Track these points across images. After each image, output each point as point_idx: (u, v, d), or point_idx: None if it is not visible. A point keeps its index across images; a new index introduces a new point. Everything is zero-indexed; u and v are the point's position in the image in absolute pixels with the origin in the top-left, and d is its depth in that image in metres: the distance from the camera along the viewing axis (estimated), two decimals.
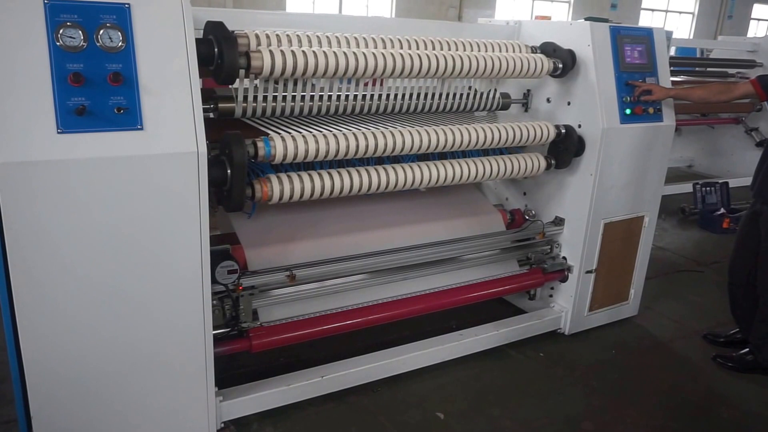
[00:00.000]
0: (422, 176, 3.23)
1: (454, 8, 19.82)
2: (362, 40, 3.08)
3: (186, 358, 2.73)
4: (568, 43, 3.63)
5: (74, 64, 2.28)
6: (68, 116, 2.26)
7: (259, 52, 2.72)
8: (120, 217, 2.40)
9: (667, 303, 4.66)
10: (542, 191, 4.09)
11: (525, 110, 4.03)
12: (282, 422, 3.09)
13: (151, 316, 2.59)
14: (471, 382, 3.53)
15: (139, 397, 2.68)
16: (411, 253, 3.52)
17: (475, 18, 15.80)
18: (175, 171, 2.45)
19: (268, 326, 3.12)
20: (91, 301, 2.45)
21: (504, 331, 3.83)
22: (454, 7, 19.86)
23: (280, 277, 3.10)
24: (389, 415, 3.21)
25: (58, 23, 2.26)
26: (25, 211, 2.24)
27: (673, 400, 3.51)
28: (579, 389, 3.55)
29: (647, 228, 4.12)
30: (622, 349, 4.00)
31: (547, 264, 3.98)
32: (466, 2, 20.16)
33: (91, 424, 2.61)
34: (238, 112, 2.95)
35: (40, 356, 2.42)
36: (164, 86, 2.43)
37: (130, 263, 2.48)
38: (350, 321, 3.34)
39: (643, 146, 3.84)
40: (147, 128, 2.38)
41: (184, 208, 2.51)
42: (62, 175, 2.26)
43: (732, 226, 6.39)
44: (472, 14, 19.44)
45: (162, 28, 2.44)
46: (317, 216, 3.50)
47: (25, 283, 2.31)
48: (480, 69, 3.29)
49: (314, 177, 2.93)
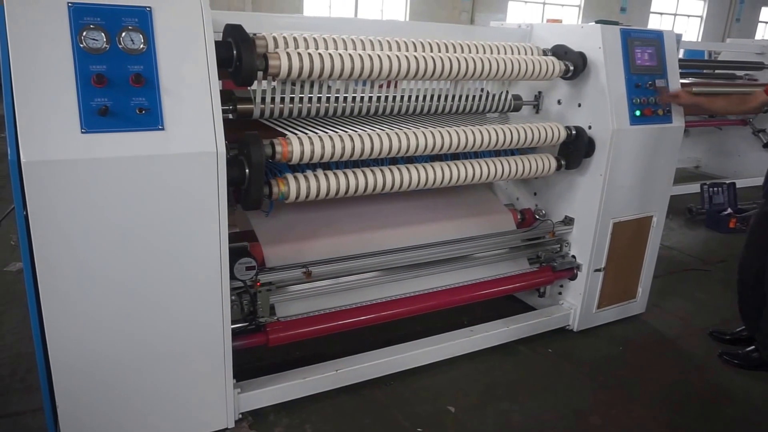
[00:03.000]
0: (435, 176, 3.28)
1: (466, 12, 19.92)
2: (377, 42, 3.13)
3: (205, 351, 2.81)
4: (579, 45, 3.68)
5: (97, 65, 2.34)
6: (91, 116, 2.31)
7: (277, 55, 2.78)
8: (141, 214, 2.47)
9: (674, 301, 4.71)
10: (552, 191, 4.14)
11: (536, 112, 4.08)
12: (297, 414, 3.16)
13: (172, 311, 2.66)
14: (481, 376, 3.59)
15: (159, 388, 2.75)
16: (424, 251, 3.58)
17: (487, 21, 15.86)
18: (195, 170, 2.51)
19: (285, 321, 3.18)
20: (113, 296, 2.52)
21: (514, 327, 3.89)
22: (467, 11, 19.97)
23: (296, 274, 3.16)
24: (402, 407, 3.27)
25: (82, 26, 2.31)
26: (50, 209, 2.30)
27: (679, 395, 3.56)
28: (587, 384, 3.60)
29: (655, 228, 4.16)
30: (630, 346, 4.05)
31: (556, 262, 4.03)
32: (478, 6, 20.25)
33: (113, 413, 2.69)
34: (256, 113, 3.02)
35: (65, 348, 2.49)
36: (184, 87, 2.48)
37: (151, 260, 2.55)
38: (364, 317, 3.40)
39: (653, 147, 3.89)
40: (168, 128, 2.44)
41: (203, 207, 2.58)
42: (85, 173, 2.32)
43: (738, 226, 6.44)
44: (483, 18, 19.53)
45: (182, 31, 2.49)
46: (332, 214, 3.57)
47: (51, 278, 2.38)
48: (492, 71, 3.34)
49: (330, 177, 2.99)
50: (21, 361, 3.46)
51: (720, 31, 25.51)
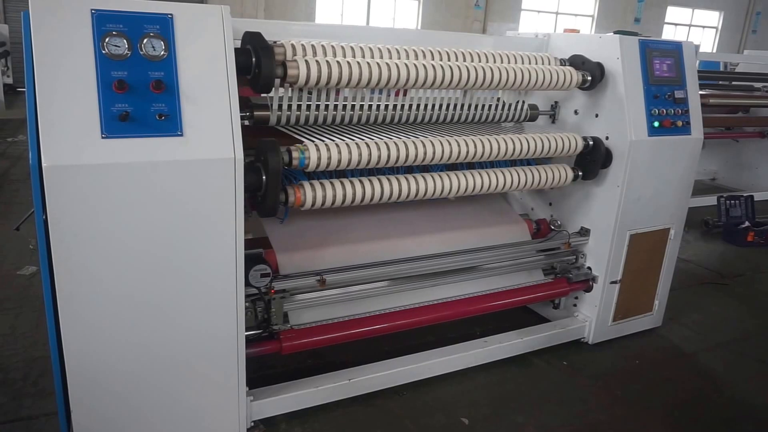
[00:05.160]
0: (451, 185, 3.27)
1: (478, 21, 19.99)
2: (394, 51, 3.13)
3: (219, 358, 2.80)
4: (596, 56, 3.66)
5: (119, 71, 2.35)
6: (112, 122, 2.32)
7: (296, 62, 2.78)
8: (159, 219, 2.47)
9: (690, 315, 4.67)
10: (568, 202, 4.12)
11: (552, 122, 4.06)
12: (310, 423, 3.15)
13: (186, 317, 2.66)
14: (495, 388, 3.57)
15: (172, 394, 2.75)
16: (438, 261, 3.56)
17: (499, 31, 15.92)
18: (213, 176, 2.52)
19: (299, 329, 3.18)
20: (129, 301, 2.52)
21: (528, 339, 3.86)
22: (479, 20, 20.04)
23: (310, 282, 3.16)
24: (414, 418, 3.26)
25: (104, 32, 2.33)
26: (70, 213, 2.31)
27: (697, 411, 3.52)
28: (602, 398, 3.57)
29: (673, 240, 4.13)
30: (646, 360, 4.01)
31: (572, 274, 4.00)
32: (491, 16, 20.32)
33: (126, 418, 2.68)
34: (273, 120, 3.02)
35: (80, 353, 2.49)
36: (204, 94, 2.49)
37: (168, 265, 2.55)
38: (378, 326, 3.39)
39: (671, 159, 3.87)
40: (187, 134, 2.45)
41: (220, 212, 2.58)
42: (105, 178, 2.33)
43: (756, 239, 6.39)
44: (496, 27, 19.61)
45: (202, 38, 2.51)
46: (347, 222, 3.56)
47: (68, 282, 2.39)
48: (509, 81, 3.33)
49: (346, 184, 2.98)
50: (34, 365, 3.47)
51: (736, 43, 25.46)
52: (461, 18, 19.98)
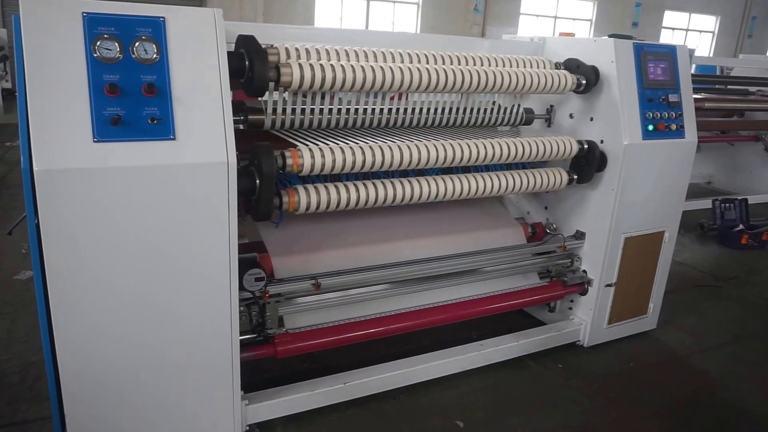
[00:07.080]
0: (446, 189, 3.27)
1: (477, 25, 20.04)
2: (389, 54, 3.13)
3: (213, 362, 2.79)
4: (591, 59, 3.67)
5: (110, 75, 2.34)
6: (104, 126, 2.32)
7: (289, 66, 2.78)
8: (151, 224, 2.46)
9: (685, 317, 4.67)
10: (563, 205, 4.12)
11: (548, 125, 4.07)
12: (305, 426, 3.14)
13: (180, 321, 2.65)
14: (491, 391, 3.56)
15: (167, 398, 2.74)
16: (433, 264, 3.56)
17: (498, 35, 15.92)
18: (206, 180, 2.51)
19: (293, 333, 3.17)
20: (122, 305, 2.51)
21: (524, 342, 3.86)
22: (478, 24, 20.08)
23: (305, 286, 3.15)
24: (410, 422, 3.25)
25: (96, 35, 2.32)
26: (62, 217, 2.30)
27: (691, 413, 3.52)
28: (597, 401, 3.57)
29: (667, 243, 4.13)
30: (641, 362, 4.01)
31: (567, 277, 4.00)
32: (489, 20, 20.36)
33: (120, 423, 2.67)
34: (267, 123, 3.02)
35: (74, 356, 2.48)
36: (196, 98, 2.49)
37: (161, 269, 2.54)
38: (373, 329, 3.38)
39: (665, 162, 3.87)
40: (179, 138, 2.44)
41: (214, 217, 2.57)
42: (97, 182, 2.32)
43: (751, 242, 6.40)
44: (494, 31, 19.65)
45: (195, 41, 2.50)
46: (342, 226, 3.56)
47: (61, 287, 2.38)
48: (504, 84, 3.34)
49: (340, 188, 2.98)
50: (30, 369, 3.46)
51: (732, 47, 25.53)
52: (460, 22, 20.02)
